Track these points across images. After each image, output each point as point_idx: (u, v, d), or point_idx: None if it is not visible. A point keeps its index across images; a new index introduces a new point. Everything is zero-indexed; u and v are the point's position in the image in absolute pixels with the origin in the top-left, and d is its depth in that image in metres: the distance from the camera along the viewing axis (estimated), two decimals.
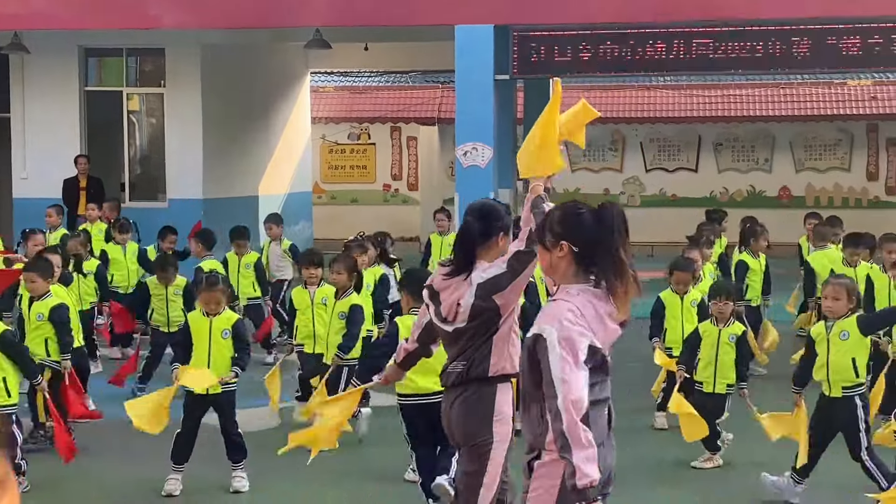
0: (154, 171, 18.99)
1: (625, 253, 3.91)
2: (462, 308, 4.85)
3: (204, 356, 7.22)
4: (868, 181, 23.87)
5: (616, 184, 24.69)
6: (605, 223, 3.96)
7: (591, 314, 3.82)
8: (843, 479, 7.44)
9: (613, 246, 3.90)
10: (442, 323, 4.96)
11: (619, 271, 3.87)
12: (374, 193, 25.24)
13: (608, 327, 3.86)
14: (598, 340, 3.81)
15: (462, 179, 13.58)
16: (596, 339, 3.80)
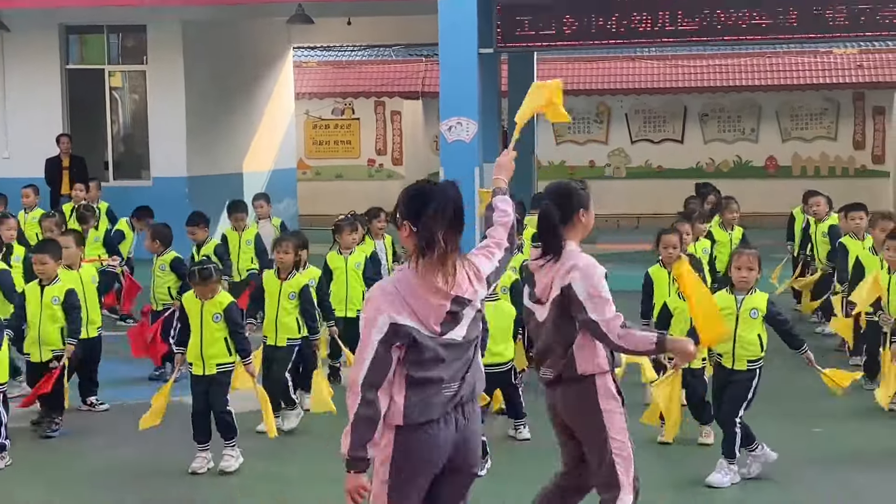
0: (137, 150, 18.87)
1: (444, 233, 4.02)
2: (553, 292, 4.95)
3: (197, 338, 7.21)
4: (855, 150, 23.87)
5: (601, 156, 24.64)
6: (431, 204, 4.06)
7: (406, 291, 4.02)
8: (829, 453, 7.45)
9: (435, 226, 4.01)
10: (535, 304, 5.05)
11: (431, 250, 4.01)
12: (358, 169, 25.14)
13: (429, 303, 4.03)
14: (409, 318, 3.99)
15: (447, 154, 13.49)
16: (406, 317, 3.99)
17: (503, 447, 7.61)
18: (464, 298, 4.12)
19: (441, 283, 4.04)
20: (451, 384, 4.11)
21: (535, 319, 5.07)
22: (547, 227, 4.97)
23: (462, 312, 4.13)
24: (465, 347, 4.16)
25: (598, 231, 22.34)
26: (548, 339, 4.99)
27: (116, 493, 6.87)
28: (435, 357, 4.06)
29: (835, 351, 10.41)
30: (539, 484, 6.82)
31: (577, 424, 5.02)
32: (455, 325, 4.11)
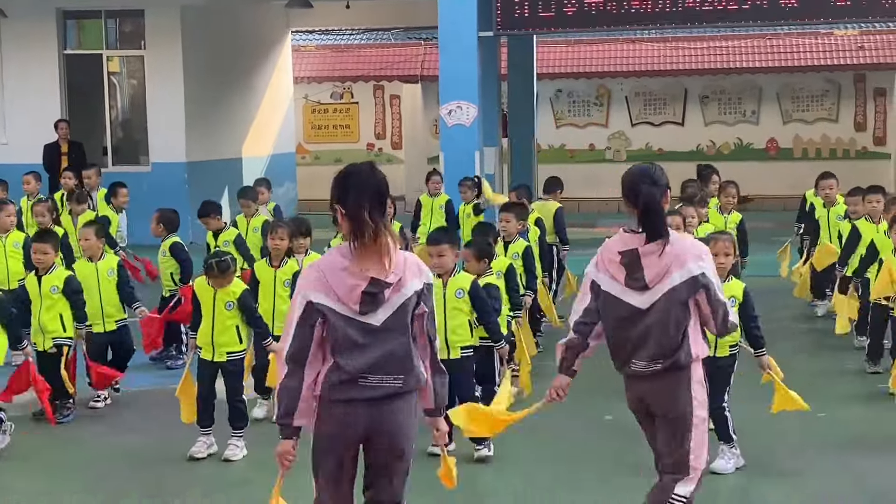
0: (136, 135, 18.82)
1: (367, 211, 4.21)
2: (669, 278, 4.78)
3: (208, 325, 7.18)
4: (856, 132, 23.78)
5: (601, 139, 24.57)
6: (348, 185, 4.29)
7: (329, 270, 4.26)
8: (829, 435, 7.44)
9: (355, 205, 4.23)
10: (634, 290, 4.80)
11: (355, 230, 4.22)
12: (357, 153, 25.04)
13: (346, 282, 4.22)
14: (327, 297, 4.22)
15: (447, 138, 13.45)
16: (323, 297, 4.22)
17: None
18: (381, 281, 4.24)
19: (377, 262, 4.22)
20: (370, 377, 4.26)
21: (630, 307, 4.82)
22: (656, 211, 4.81)
23: (382, 295, 4.24)
24: (385, 336, 4.26)
25: (598, 214, 22.37)
26: (657, 327, 4.79)
27: (119, 481, 6.86)
28: (349, 339, 4.24)
29: (836, 335, 10.37)
30: (519, 469, 6.83)
31: (667, 411, 4.89)
32: (375, 308, 4.24)
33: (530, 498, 6.34)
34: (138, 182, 16.33)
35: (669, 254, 4.76)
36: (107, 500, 6.50)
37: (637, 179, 4.89)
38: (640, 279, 4.79)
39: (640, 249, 4.79)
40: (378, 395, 4.28)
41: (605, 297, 4.90)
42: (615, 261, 4.85)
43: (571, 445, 7.41)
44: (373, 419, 4.30)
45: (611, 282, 4.87)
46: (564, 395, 5.16)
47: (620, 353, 4.94)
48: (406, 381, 4.33)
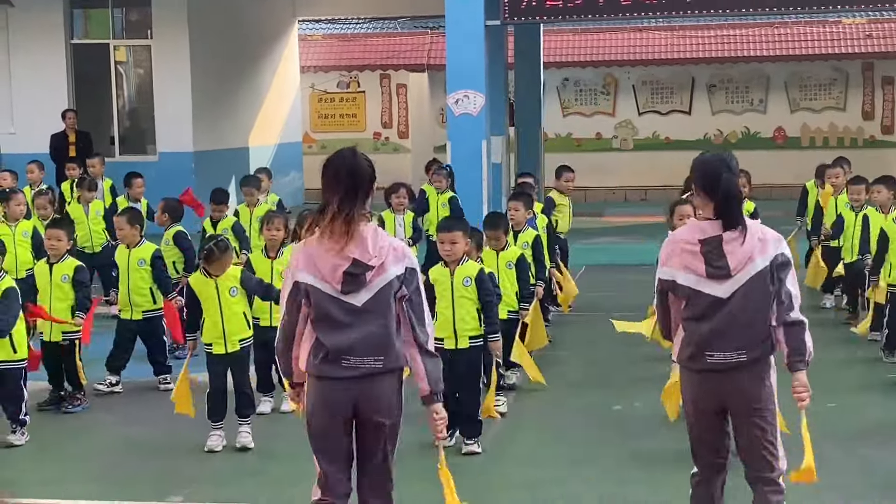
0: (143, 124, 18.83)
1: (340, 198, 4.42)
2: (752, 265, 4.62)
3: (216, 318, 7.16)
4: (864, 120, 23.72)
5: (609, 128, 24.53)
6: (327, 172, 4.50)
7: (316, 251, 4.47)
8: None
9: (329, 192, 4.46)
10: (716, 280, 4.61)
11: (326, 213, 4.43)
12: (364, 142, 25.03)
13: (330, 262, 4.43)
14: (312, 275, 4.46)
15: (454, 127, 13.41)
16: (308, 275, 4.46)
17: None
18: (363, 263, 4.42)
19: (341, 244, 4.42)
20: (351, 358, 4.45)
21: (709, 298, 4.63)
22: (736, 198, 4.68)
23: (363, 277, 4.43)
24: (366, 316, 4.45)
25: (606, 203, 22.35)
26: (741, 315, 4.61)
27: (129, 471, 6.88)
28: (332, 318, 4.44)
29: (843, 324, 10.37)
30: (528, 462, 6.84)
31: (750, 405, 4.68)
32: (357, 289, 4.43)
33: (540, 490, 6.34)
34: (145, 171, 16.32)
35: (751, 240, 4.63)
36: (117, 489, 6.52)
37: (716, 168, 4.71)
38: (724, 267, 4.60)
39: (723, 236, 4.61)
40: (359, 374, 4.47)
41: (681, 291, 4.68)
42: (691, 250, 4.65)
43: (580, 437, 7.40)
44: (355, 396, 4.50)
45: (686, 274, 4.66)
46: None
47: (696, 345, 4.68)
48: (386, 361, 4.50)
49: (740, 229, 4.62)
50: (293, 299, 4.52)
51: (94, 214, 11.61)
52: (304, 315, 4.53)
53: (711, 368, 4.67)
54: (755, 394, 4.68)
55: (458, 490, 6.36)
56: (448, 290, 6.91)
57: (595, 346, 10.10)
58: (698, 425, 4.81)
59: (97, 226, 11.55)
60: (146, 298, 8.72)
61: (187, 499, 6.30)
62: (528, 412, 7.92)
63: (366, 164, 4.52)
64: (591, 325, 11.03)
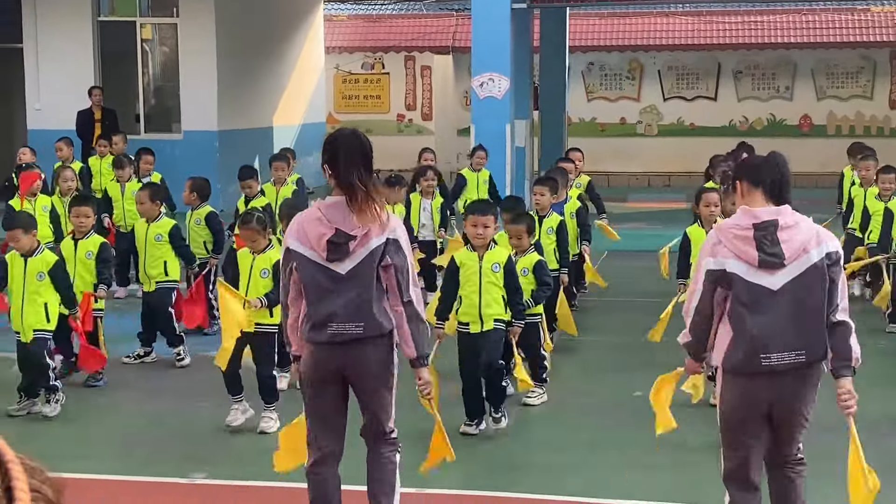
0: (168, 103, 18.87)
1: (352, 174, 4.66)
2: (807, 255, 4.38)
3: (242, 292, 7.16)
4: (891, 109, 23.54)
5: (633, 113, 24.43)
6: (334, 148, 4.76)
7: (307, 220, 4.74)
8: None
9: (340, 167, 4.69)
10: (766, 270, 4.37)
11: (343, 189, 4.68)
12: (387, 124, 25.04)
13: (317, 231, 4.67)
14: (302, 244, 4.71)
15: (478, 111, 13.42)
16: (299, 243, 4.72)
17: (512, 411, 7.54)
18: (346, 233, 4.66)
19: (322, 214, 4.69)
20: (334, 324, 4.71)
21: (758, 289, 4.38)
22: (789, 175, 4.52)
23: (346, 246, 4.67)
24: (349, 284, 4.69)
25: (629, 189, 22.28)
26: (797, 311, 4.37)
27: (151, 448, 6.92)
28: (318, 285, 4.71)
29: (868, 312, 10.31)
30: (549, 447, 6.86)
31: (798, 412, 4.51)
32: (342, 257, 4.68)
33: (563, 475, 6.35)
34: (170, 150, 16.41)
35: (806, 231, 4.40)
36: (139, 466, 6.57)
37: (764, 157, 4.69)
38: (778, 255, 4.33)
39: (779, 220, 4.37)
40: (344, 339, 4.74)
41: (731, 281, 4.40)
42: (742, 235, 4.38)
43: (602, 422, 7.41)
44: (341, 360, 4.79)
45: (737, 262, 4.39)
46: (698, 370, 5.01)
47: (749, 346, 4.38)
48: (367, 327, 4.75)
49: (793, 213, 4.42)
50: (287, 265, 4.82)
51: (129, 193, 11.65)
52: (295, 280, 4.80)
53: (767, 371, 4.38)
54: (806, 398, 4.51)
55: (477, 473, 6.41)
56: (476, 274, 6.88)
57: (617, 332, 10.10)
58: (736, 436, 4.58)
59: (132, 205, 11.55)
60: (160, 271, 8.78)
61: (210, 476, 6.34)
62: (550, 397, 7.92)
63: (366, 142, 4.83)
64: (613, 310, 11.03)
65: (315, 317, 4.74)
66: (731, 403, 4.54)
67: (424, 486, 6.05)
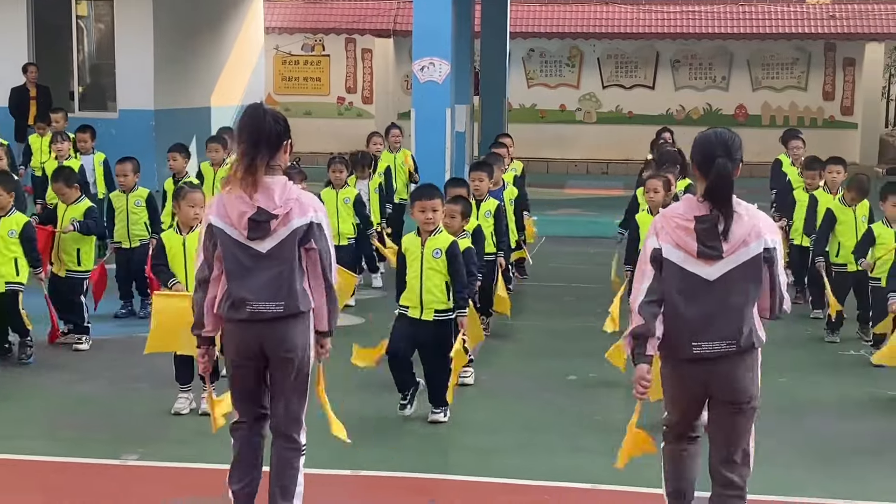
0: (104, 81, 18.59)
1: (243, 152, 4.74)
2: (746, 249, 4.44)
3: (182, 276, 7.07)
4: (824, 100, 23.93)
5: (573, 100, 24.57)
6: (240, 126, 4.81)
7: (228, 198, 4.79)
8: None
9: (238, 143, 4.79)
10: (704, 260, 4.42)
11: (242, 167, 4.74)
12: (328, 106, 24.93)
13: (238, 208, 4.74)
14: (223, 220, 4.77)
15: (419, 95, 13.37)
16: (220, 220, 4.78)
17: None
18: (267, 211, 4.71)
19: (245, 192, 4.72)
20: (254, 302, 4.76)
21: (694, 279, 4.44)
22: (727, 182, 4.45)
23: (267, 225, 4.72)
24: (269, 263, 4.75)
25: (567, 176, 22.42)
26: (731, 301, 4.44)
27: (82, 428, 6.83)
28: (239, 263, 4.76)
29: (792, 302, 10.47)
30: (484, 430, 6.90)
31: (736, 399, 4.54)
32: (263, 236, 4.74)
33: (496, 457, 6.39)
34: (105, 129, 16.16)
35: (747, 223, 4.45)
36: (69, 446, 6.49)
37: (712, 148, 4.52)
38: (717, 248, 4.40)
39: (721, 213, 4.42)
40: (263, 317, 4.78)
41: (666, 268, 4.47)
42: (684, 226, 4.45)
43: (536, 406, 7.46)
44: (261, 337, 4.83)
45: (674, 250, 4.47)
46: (649, 383, 4.54)
47: (681, 334, 4.46)
48: (287, 306, 4.80)
49: (731, 213, 4.43)
50: (208, 240, 4.84)
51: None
52: (217, 257, 4.83)
53: (697, 358, 4.48)
54: (743, 386, 4.53)
55: (413, 455, 6.44)
56: (417, 260, 6.85)
57: (552, 317, 10.18)
58: (675, 402, 4.72)
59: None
60: (72, 258, 8.71)
61: (142, 458, 6.29)
62: (485, 381, 7.97)
63: (271, 119, 4.78)
64: (549, 296, 11.11)
65: (235, 294, 4.78)
66: (669, 381, 4.69)
67: (360, 469, 6.06)
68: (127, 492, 5.79)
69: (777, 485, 5.80)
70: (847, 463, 6.37)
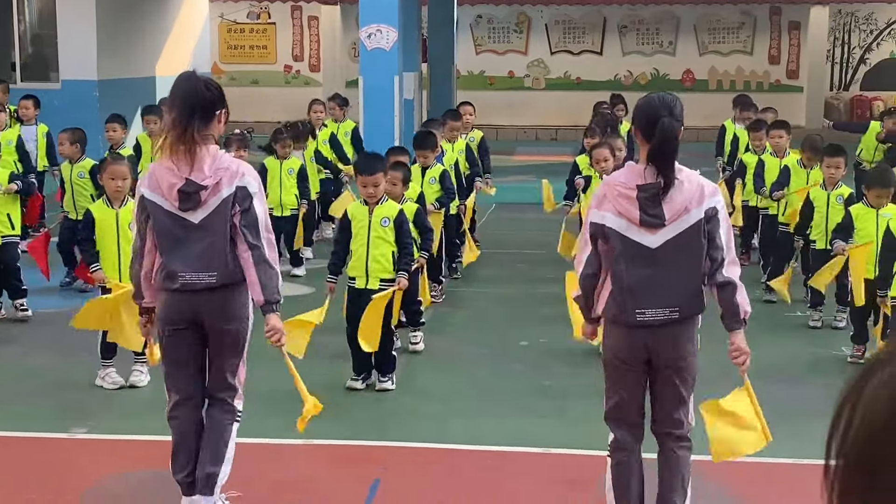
0: (46, 51, 18.26)
1: (174, 121, 4.67)
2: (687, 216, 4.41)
3: (114, 250, 6.94)
4: (770, 64, 24.11)
5: (521, 66, 24.55)
6: (171, 94, 4.79)
7: (159, 170, 4.75)
8: None
9: (168, 113, 4.80)
10: (646, 229, 4.40)
11: (173, 136, 4.69)
12: (274, 75, 24.71)
13: (168, 180, 4.70)
14: (155, 192, 4.73)
15: (366, 62, 13.29)
16: (152, 192, 4.74)
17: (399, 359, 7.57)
18: (196, 182, 4.67)
19: (174, 163, 4.69)
20: (188, 272, 4.73)
21: (637, 247, 4.43)
22: (672, 145, 4.40)
23: (198, 196, 4.68)
24: (201, 234, 4.71)
25: (517, 143, 22.42)
26: (674, 269, 4.42)
27: (29, 402, 6.76)
28: (171, 234, 4.74)
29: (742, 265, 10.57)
30: (436, 397, 6.91)
31: (677, 367, 4.54)
32: (194, 207, 4.70)
33: (447, 423, 6.40)
34: (48, 99, 15.90)
35: (688, 191, 4.41)
36: (16, 421, 6.42)
37: (656, 110, 4.44)
38: (659, 216, 4.38)
39: (662, 181, 4.38)
40: (196, 287, 4.75)
41: (610, 236, 4.45)
42: (626, 195, 4.42)
43: (487, 372, 7.49)
44: (196, 307, 4.79)
45: (616, 218, 4.44)
46: (595, 335, 4.78)
47: (625, 300, 4.46)
48: (220, 276, 4.76)
49: (673, 178, 4.40)
50: (140, 213, 4.81)
51: (5, 144, 11.26)
52: (150, 228, 4.81)
53: (641, 325, 4.48)
54: (682, 350, 4.53)
55: (365, 424, 6.44)
56: (364, 228, 6.83)
57: (504, 283, 10.20)
58: (618, 378, 4.62)
59: (10, 156, 11.15)
60: (5, 225, 8.58)
61: (91, 431, 6.23)
62: (437, 347, 7.98)
63: (203, 87, 4.69)
64: (500, 262, 11.12)
65: (169, 265, 4.74)
66: (612, 350, 4.62)
67: (311, 438, 6.05)
68: (76, 465, 5.74)
69: None
70: (796, 424, 6.46)
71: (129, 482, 5.44)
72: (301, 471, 5.66)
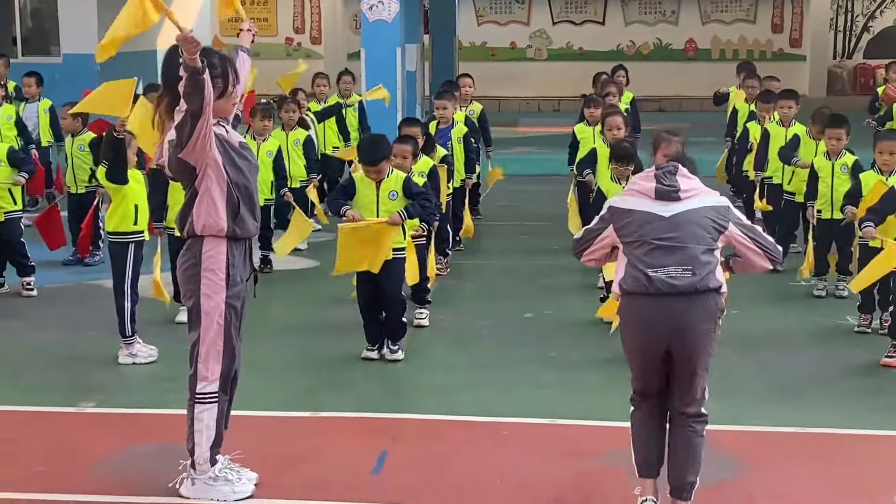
0: (46, 25, 18.20)
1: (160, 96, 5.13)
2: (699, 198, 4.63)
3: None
4: (773, 33, 24.01)
5: (523, 37, 24.45)
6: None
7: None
8: None
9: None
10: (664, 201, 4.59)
11: None
12: (276, 47, 24.62)
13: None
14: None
15: (368, 34, 13.24)
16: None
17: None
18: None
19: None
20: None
21: (651, 215, 4.58)
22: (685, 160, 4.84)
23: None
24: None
25: (519, 114, 22.37)
26: (686, 232, 4.54)
27: (38, 377, 6.79)
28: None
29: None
30: (442, 369, 6.94)
31: (695, 342, 4.53)
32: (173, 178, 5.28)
33: (454, 398, 6.43)
34: (49, 74, 15.86)
35: (700, 185, 4.67)
36: (26, 395, 6.45)
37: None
38: (674, 186, 4.58)
39: (679, 167, 4.67)
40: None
41: (631, 214, 4.61)
42: (645, 175, 4.70)
43: (492, 344, 7.51)
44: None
45: (631, 198, 4.67)
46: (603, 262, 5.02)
47: (638, 267, 4.54)
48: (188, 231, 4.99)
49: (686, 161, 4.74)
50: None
51: (4, 119, 11.26)
52: None
53: (657, 292, 4.49)
54: (696, 332, 4.51)
55: (371, 396, 6.47)
56: (373, 203, 6.85)
57: (507, 256, 10.21)
58: (637, 354, 4.65)
59: (9, 131, 11.15)
60: (7, 200, 8.58)
61: (100, 405, 6.27)
62: (443, 319, 8.00)
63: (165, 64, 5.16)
64: (504, 234, 11.14)
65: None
66: (629, 326, 4.64)
67: (318, 410, 6.08)
68: (85, 439, 5.77)
69: (730, 415, 5.89)
70: (798, 393, 6.49)
71: (137, 455, 5.48)
72: (309, 442, 5.70)
